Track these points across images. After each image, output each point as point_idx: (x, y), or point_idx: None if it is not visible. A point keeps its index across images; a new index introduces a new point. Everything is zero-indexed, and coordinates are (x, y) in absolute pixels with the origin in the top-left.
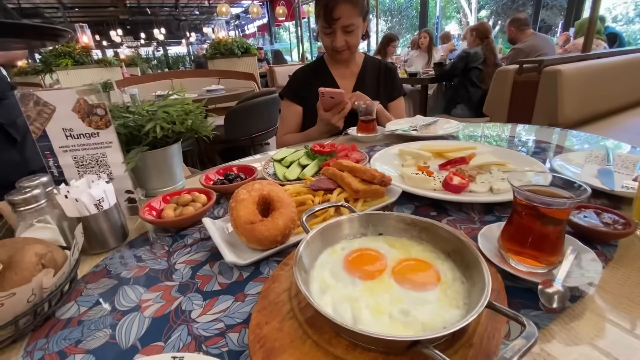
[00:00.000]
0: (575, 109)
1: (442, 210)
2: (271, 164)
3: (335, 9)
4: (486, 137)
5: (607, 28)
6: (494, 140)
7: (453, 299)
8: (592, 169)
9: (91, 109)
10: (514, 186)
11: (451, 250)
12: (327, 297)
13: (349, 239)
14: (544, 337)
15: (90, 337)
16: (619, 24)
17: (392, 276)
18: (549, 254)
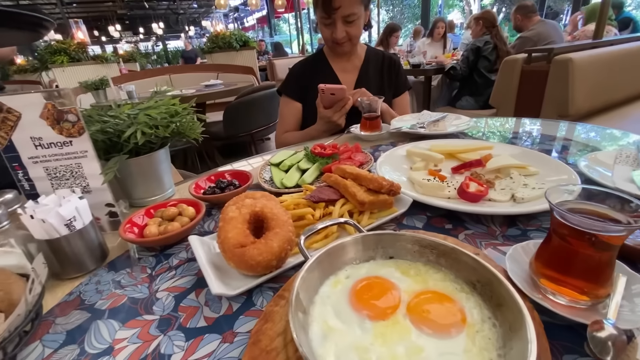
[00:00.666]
0: (587, 99)
1: (457, 221)
2: (268, 168)
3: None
4: (500, 135)
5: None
6: (508, 138)
7: (484, 349)
8: (624, 171)
9: (61, 115)
10: (553, 205)
11: (477, 281)
12: (329, 345)
13: (354, 264)
14: None
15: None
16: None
17: (407, 315)
18: (597, 284)
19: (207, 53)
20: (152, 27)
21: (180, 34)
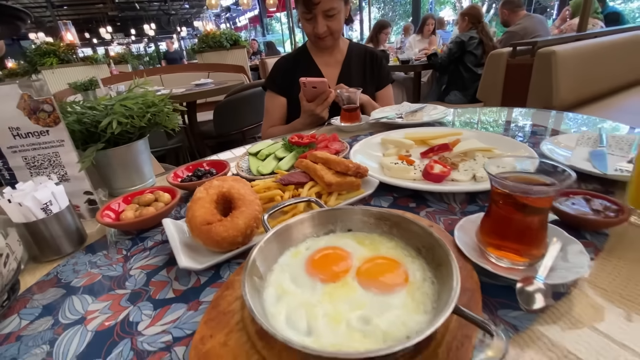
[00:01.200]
0: (570, 91)
1: (422, 201)
2: (246, 157)
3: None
4: (474, 122)
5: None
6: (482, 125)
7: (421, 302)
8: (583, 152)
9: (37, 105)
10: (490, 174)
11: (422, 246)
12: (281, 305)
13: (314, 237)
14: (523, 340)
15: (27, 354)
16: (617, 3)
17: (356, 278)
18: (531, 246)
19: (198, 53)
20: (143, 28)
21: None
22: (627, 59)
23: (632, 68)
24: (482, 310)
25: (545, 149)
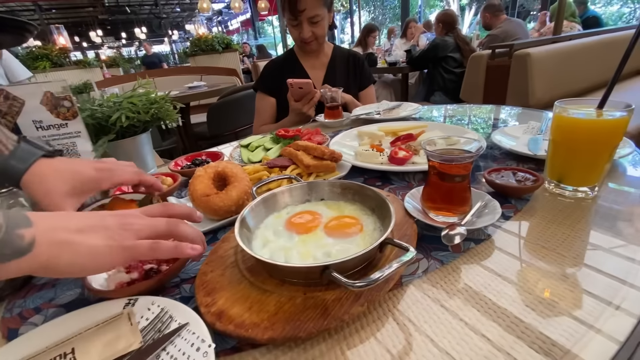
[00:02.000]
0: (546, 91)
1: (387, 180)
2: (238, 149)
3: (300, 1)
4: (444, 117)
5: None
6: (449, 120)
7: (370, 243)
8: (526, 139)
9: (58, 101)
10: (425, 149)
11: (375, 206)
12: (265, 249)
13: (294, 204)
14: (447, 270)
15: (62, 295)
16: (598, 6)
17: (323, 229)
18: (459, 204)
19: (190, 56)
20: (134, 32)
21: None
22: (599, 60)
23: (603, 69)
24: (419, 251)
25: (496, 137)
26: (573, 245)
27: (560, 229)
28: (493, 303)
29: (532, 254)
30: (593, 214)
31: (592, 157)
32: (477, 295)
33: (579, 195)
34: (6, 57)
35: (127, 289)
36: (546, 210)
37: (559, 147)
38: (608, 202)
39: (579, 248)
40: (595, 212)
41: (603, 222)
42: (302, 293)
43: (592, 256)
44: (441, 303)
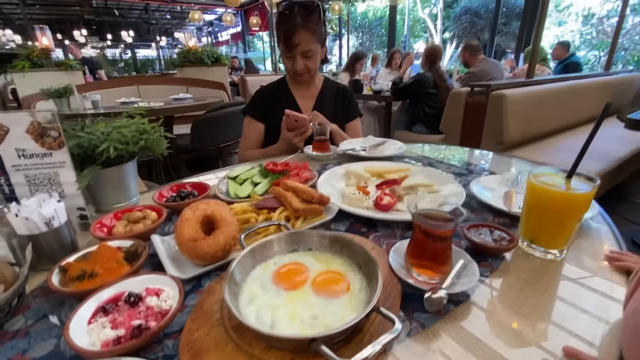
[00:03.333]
0: (518, 130)
1: (372, 226)
2: (225, 181)
3: (295, 36)
4: (426, 158)
5: (572, 55)
6: (429, 161)
7: (356, 305)
8: (501, 192)
9: (45, 131)
10: (411, 211)
11: (362, 263)
12: (252, 306)
13: (281, 254)
14: (429, 334)
15: (37, 346)
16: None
17: (311, 286)
18: (442, 264)
19: (178, 67)
20: (121, 34)
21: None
22: (566, 105)
23: (570, 113)
24: (402, 312)
25: (474, 188)
26: (543, 313)
27: (532, 294)
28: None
29: (507, 319)
30: (560, 276)
31: (560, 224)
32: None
33: (548, 257)
34: None
35: (115, 349)
36: (520, 270)
37: (532, 212)
38: (574, 264)
39: (547, 313)
40: (563, 274)
41: (568, 286)
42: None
43: (561, 318)
44: None
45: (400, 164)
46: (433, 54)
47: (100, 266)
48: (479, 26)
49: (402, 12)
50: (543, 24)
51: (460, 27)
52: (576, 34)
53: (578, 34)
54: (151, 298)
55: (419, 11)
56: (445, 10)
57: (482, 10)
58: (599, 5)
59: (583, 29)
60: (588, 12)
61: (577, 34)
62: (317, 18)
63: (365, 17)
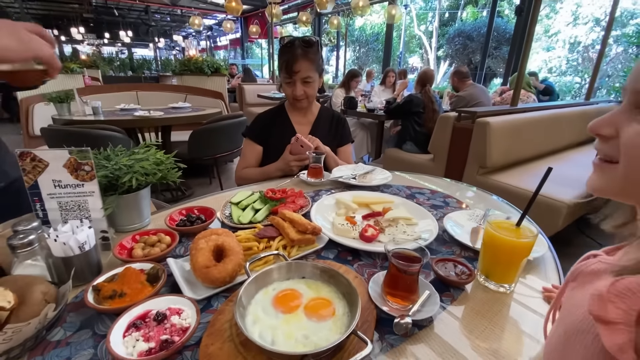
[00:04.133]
0: (500, 155)
1: (356, 255)
2: (228, 205)
3: (296, 63)
4: (409, 188)
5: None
6: (414, 192)
7: (340, 328)
8: (469, 227)
9: (79, 166)
10: (386, 251)
11: (346, 292)
12: (256, 326)
13: (279, 281)
14: (397, 352)
15: (78, 355)
16: (554, 75)
17: (303, 311)
18: (410, 294)
19: (177, 75)
20: (119, 33)
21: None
22: (546, 132)
23: (550, 140)
24: (376, 333)
25: (447, 224)
26: (489, 336)
27: (483, 319)
28: None
29: (462, 341)
30: (508, 306)
31: (509, 263)
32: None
33: (500, 290)
34: None
35: (149, 358)
36: (476, 300)
37: (487, 252)
38: (520, 296)
39: (493, 335)
40: (510, 306)
41: (515, 315)
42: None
43: (504, 338)
44: None
45: (386, 195)
46: (425, 77)
47: (127, 287)
48: (471, 48)
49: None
50: (527, 54)
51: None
52: (563, 59)
53: (565, 60)
54: (174, 317)
55: (415, 28)
56: (441, 29)
57: (474, 33)
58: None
59: (570, 56)
60: (574, 39)
61: (564, 60)
62: (315, 50)
63: (363, 32)
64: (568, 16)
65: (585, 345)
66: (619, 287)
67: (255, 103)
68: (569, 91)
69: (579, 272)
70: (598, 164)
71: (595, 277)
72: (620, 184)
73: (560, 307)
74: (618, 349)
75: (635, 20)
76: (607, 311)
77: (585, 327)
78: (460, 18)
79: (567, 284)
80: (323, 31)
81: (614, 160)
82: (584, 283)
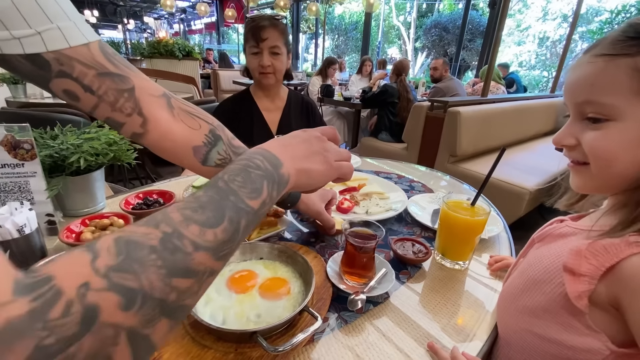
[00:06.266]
0: (470, 144)
1: (320, 237)
2: (190, 189)
3: (263, 31)
4: (378, 173)
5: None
6: (382, 177)
7: (294, 306)
8: (431, 209)
9: (18, 144)
10: (343, 229)
11: (302, 271)
12: (208, 307)
13: (236, 262)
14: (351, 328)
15: None
16: (524, 69)
17: (258, 291)
18: (366, 271)
19: (147, 58)
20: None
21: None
22: (513, 123)
23: (518, 130)
24: (331, 310)
25: (411, 208)
26: (440, 310)
27: (437, 294)
28: (380, 349)
29: (414, 314)
30: (461, 282)
31: (463, 241)
32: (372, 346)
33: (456, 267)
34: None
35: None
36: (431, 277)
37: (442, 231)
38: (474, 273)
39: (445, 311)
40: (464, 282)
41: (469, 290)
42: (234, 349)
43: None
44: (343, 353)
45: (361, 173)
46: (400, 66)
47: None
48: (447, 40)
49: (378, 18)
50: (497, 47)
51: (430, 40)
52: (533, 54)
53: (534, 55)
54: None
55: (394, 18)
56: (419, 20)
57: (450, 25)
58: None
59: (539, 50)
60: (543, 35)
61: (534, 54)
62: (283, 25)
63: (342, 20)
64: (538, 11)
65: (544, 292)
66: (597, 247)
67: (230, 90)
68: (537, 84)
69: (548, 234)
70: (573, 167)
71: (562, 239)
72: (595, 181)
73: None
74: (577, 295)
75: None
76: (580, 265)
77: (545, 278)
78: (437, 9)
79: (532, 244)
80: (301, 18)
81: (585, 162)
82: (549, 242)
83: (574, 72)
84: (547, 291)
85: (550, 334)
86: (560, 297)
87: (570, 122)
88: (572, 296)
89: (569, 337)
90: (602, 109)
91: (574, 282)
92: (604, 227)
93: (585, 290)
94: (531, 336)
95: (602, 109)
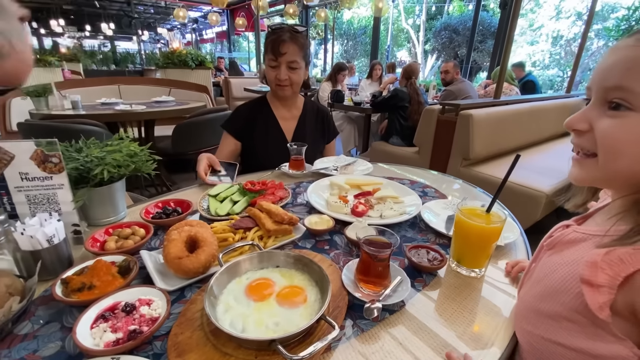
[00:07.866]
0: (483, 147)
1: (333, 245)
2: (206, 197)
3: (282, 45)
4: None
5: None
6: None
7: (310, 314)
8: (445, 215)
9: (47, 157)
10: (358, 239)
11: (318, 279)
12: (227, 315)
13: (253, 270)
14: (367, 337)
15: (45, 347)
16: (537, 68)
17: (275, 299)
18: (382, 279)
19: (161, 68)
20: (100, 26)
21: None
22: (527, 125)
23: (531, 132)
24: (347, 318)
25: (424, 215)
26: (457, 318)
27: (453, 302)
28: (397, 358)
29: (431, 324)
30: (478, 290)
31: (479, 248)
32: (388, 355)
33: (472, 274)
34: None
35: (115, 348)
36: (446, 286)
37: (458, 238)
38: (492, 280)
39: (462, 319)
40: (480, 290)
41: (486, 297)
42: (254, 356)
43: (471, 319)
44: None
45: (375, 177)
46: (410, 70)
47: (97, 279)
48: (457, 42)
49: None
50: (510, 48)
51: (439, 42)
52: (546, 53)
53: (548, 54)
54: (144, 307)
55: (403, 21)
56: (428, 22)
57: (460, 27)
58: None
59: (552, 49)
60: (557, 33)
61: (547, 53)
62: (303, 38)
63: (351, 25)
64: (551, 10)
65: (563, 302)
66: (612, 257)
67: (242, 97)
68: (552, 85)
69: (557, 241)
70: (577, 159)
71: (573, 245)
72: (600, 173)
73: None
74: (598, 307)
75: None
76: (596, 276)
77: (563, 288)
78: (446, 11)
79: (541, 249)
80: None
81: (590, 154)
82: (561, 250)
83: (612, 55)
84: (566, 301)
85: (575, 343)
86: (581, 307)
87: (588, 108)
88: (594, 308)
89: (594, 345)
90: (629, 96)
91: (593, 294)
92: (616, 233)
93: (606, 300)
94: (554, 345)
95: (629, 95)
